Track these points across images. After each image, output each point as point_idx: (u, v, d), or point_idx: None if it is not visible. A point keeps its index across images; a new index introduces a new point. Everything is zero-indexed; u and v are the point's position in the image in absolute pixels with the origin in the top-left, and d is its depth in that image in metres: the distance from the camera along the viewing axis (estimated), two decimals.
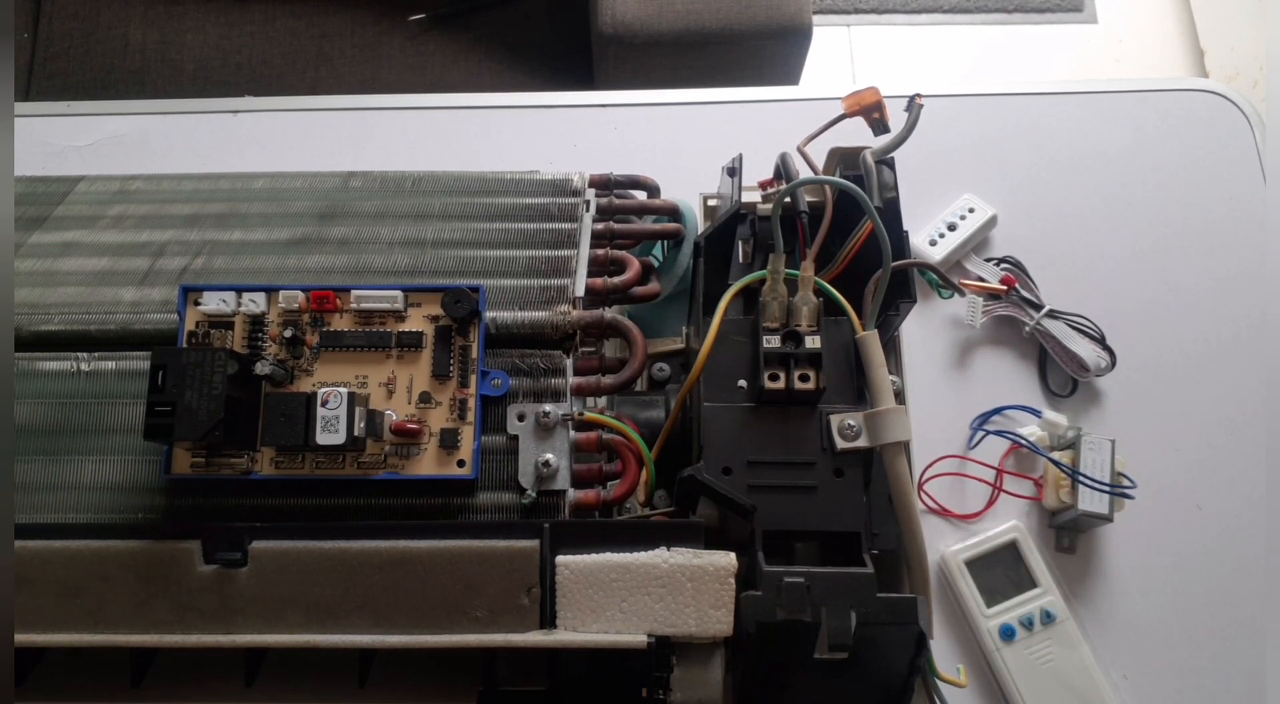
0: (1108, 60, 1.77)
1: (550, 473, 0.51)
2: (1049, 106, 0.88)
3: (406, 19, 1.17)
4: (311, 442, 0.47)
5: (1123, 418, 0.77)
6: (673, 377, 0.64)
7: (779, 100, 0.88)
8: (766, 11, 0.99)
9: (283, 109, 0.89)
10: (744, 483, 0.48)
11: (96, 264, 0.59)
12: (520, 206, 0.61)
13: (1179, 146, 0.86)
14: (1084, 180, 0.85)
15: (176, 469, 0.50)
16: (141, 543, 0.47)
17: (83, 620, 0.47)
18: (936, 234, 0.80)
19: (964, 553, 0.72)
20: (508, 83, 1.16)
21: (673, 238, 0.63)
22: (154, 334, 0.55)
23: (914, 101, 0.54)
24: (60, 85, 1.16)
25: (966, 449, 0.76)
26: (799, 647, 0.43)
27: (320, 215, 0.61)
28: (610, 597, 0.46)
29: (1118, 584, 0.73)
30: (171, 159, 0.86)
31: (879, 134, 0.56)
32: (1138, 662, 0.71)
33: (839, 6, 1.80)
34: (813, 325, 0.50)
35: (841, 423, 0.48)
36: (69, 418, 0.52)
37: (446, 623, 0.46)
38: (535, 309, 0.55)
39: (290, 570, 0.46)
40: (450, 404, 0.50)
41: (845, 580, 0.44)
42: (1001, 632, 0.70)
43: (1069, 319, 0.77)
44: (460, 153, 0.86)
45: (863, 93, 0.56)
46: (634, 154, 0.85)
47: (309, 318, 0.51)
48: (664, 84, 0.93)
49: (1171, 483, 0.75)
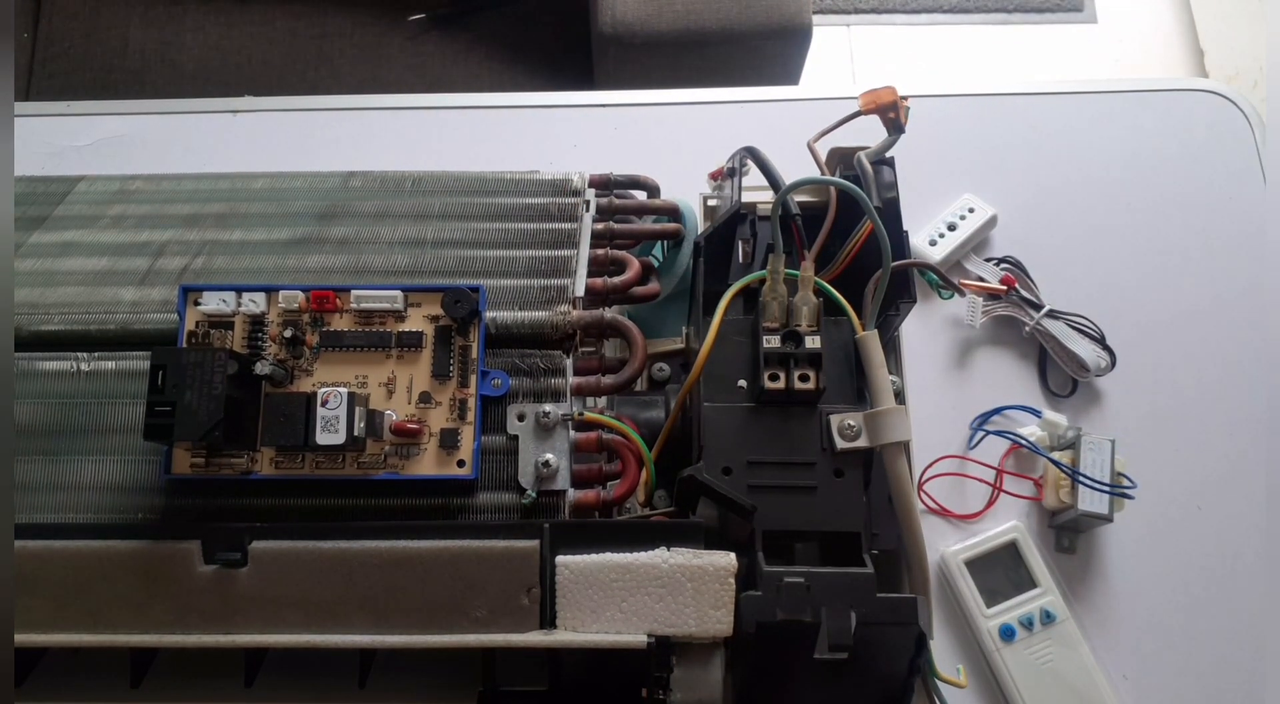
0: (1108, 60, 1.77)
1: (550, 473, 0.51)
2: (1049, 106, 0.88)
3: (406, 19, 1.17)
4: (311, 442, 0.47)
5: (1123, 418, 0.77)
6: (673, 377, 0.64)
7: (779, 100, 0.88)
8: (766, 11, 0.99)
9: (283, 109, 0.89)
10: (744, 483, 0.48)
11: (96, 264, 0.59)
12: (520, 206, 0.61)
13: (1179, 146, 0.86)
14: (1084, 180, 0.85)
15: (176, 469, 0.49)
16: (141, 543, 0.47)
17: (83, 620, 0.47)
18: (936, 234, 0.80)
19: (964, 553, 0.72)
20: (508, 83, 1.16)
21: (673, 238, 0.63)
22: (154, 334, 0.55)
23: (899, 104, 0.54)
24: (60, 85, 1.16)
25: (966, 449, 0.76)
26: (799, 647, 0.43)
27: (320, 215, 0.61)
28: (610, 597, 0.46)
29: (1118, 584, 0.73)
30: (171, 159, 0.86)
31: (892, 133, 0.56)
32: (1138, 662, 0.71)
33: (839, 6, 1.80)
34: (813, 325, 0.50)
35: (841, 423, 0.48)
36: (69, 418, 0.52)
37: (446, 623, 0.46)
38: (535, 309, 0.55)
39: (290, 570, 0.46)
40: (450, 404, 0.50)
41: (845, 580, 0.44)
42: (1001, 632, 0.70)
43: (1069, 319, 0.77)
44: (460, 153, 0.86)
45: (880, 91, 0.56)
46: (634, 154, 0.85)
47: (309, 318, 0.51)
48: (664, 84, 0.93)
49: (1171, 483, 0.75)
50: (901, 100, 0.55)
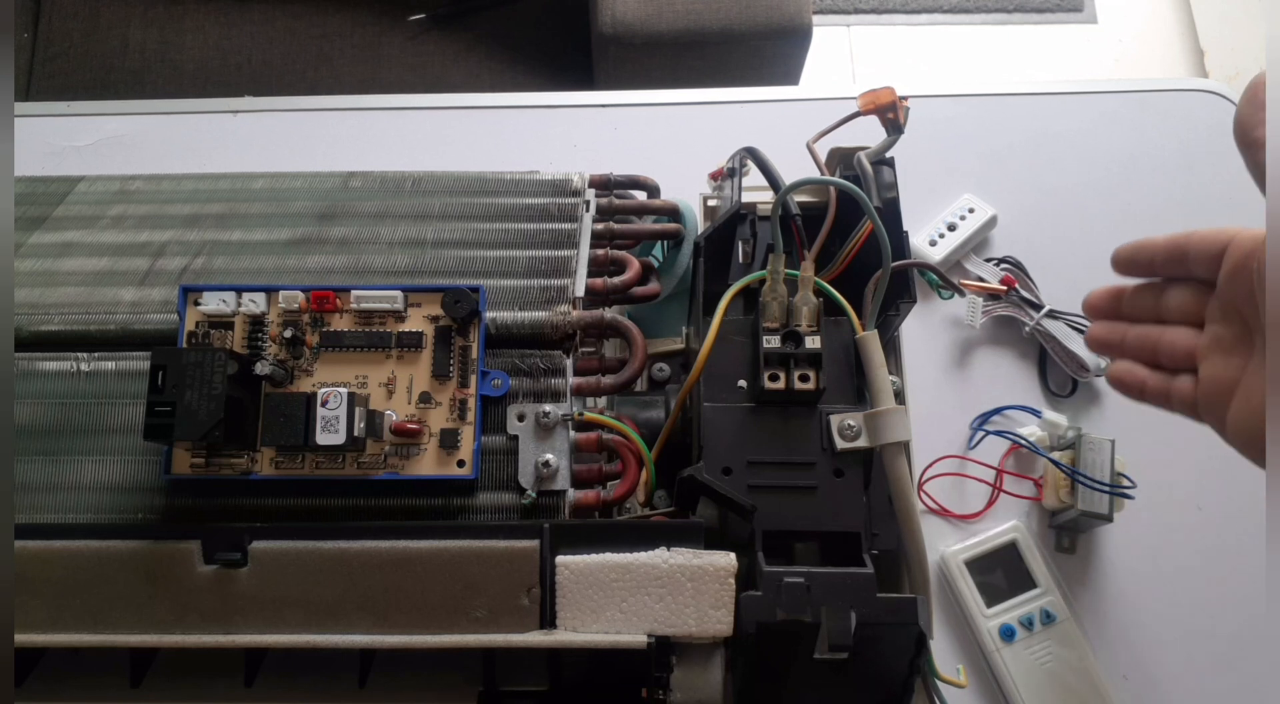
0: (1108, 60, 1.77)
1: (550, 473, 0.51)
2: (1049, 107, 0.88)
3: (406, 19, 1.17)
4: (311, 442, 0.47)
5: (1123, 418, 0.77)
6: (673, 377, 0.64)
7: (779, 100, 0.88)
8: (766, 11, 0.99)
9: (283, 109, 0.89)
10: (744, 483, 0.48)
11: (96, 264, 0.59)
12: (520, 207, 0.61)
13: (1179, 146, 0.86)
14: (1084, 180, 0.85)
15: (176, 469, 0.50)
16: (141, 543, 0.47)
17: (83, 620, 0.47)
18: (936, 234, 0.80)
19: (964, 553, 0.72)
20: (508, 83, 1.16)
21: (673, 238, 0.63)
22: (154, 334, 0.55)
23: (898, 105, 0.54)
24: (60, 85, 1.16)
25: (966, 449, 0.76)
26: (799, 647, 0.43)
27: (320, 215, 0.61)
28: (610, 597, 0.46)
29: (1118, 584, 0.73)
30: (171, 159, 0.86)
31: (891, 134, 0.56)
32: (1138, 662, 0.71)
33: (839, 6, 1.80)
34: (813, 325, 0.50)
35: (841, 423, 0.48)
36: (69, 418, 0.52)
37: (446, 623, 0.46)
38: (535, 309, 0.55)
39: (290, 570, 0.46)
40: (450, 404, 0.50)
41: (845, 580, 0.44)
42: (1001, 632, 0.70)
43: (1069, 319, 0.77)
44: (460, 153, 0.86)
45: (879, 92, 0.56)
46: (634, 154, 0.85)
47: (309, 318, 0.51)
48: (664, 84, 0.93)
49: (1171, 483, 0.75)
50: (901, 100, 0.55)
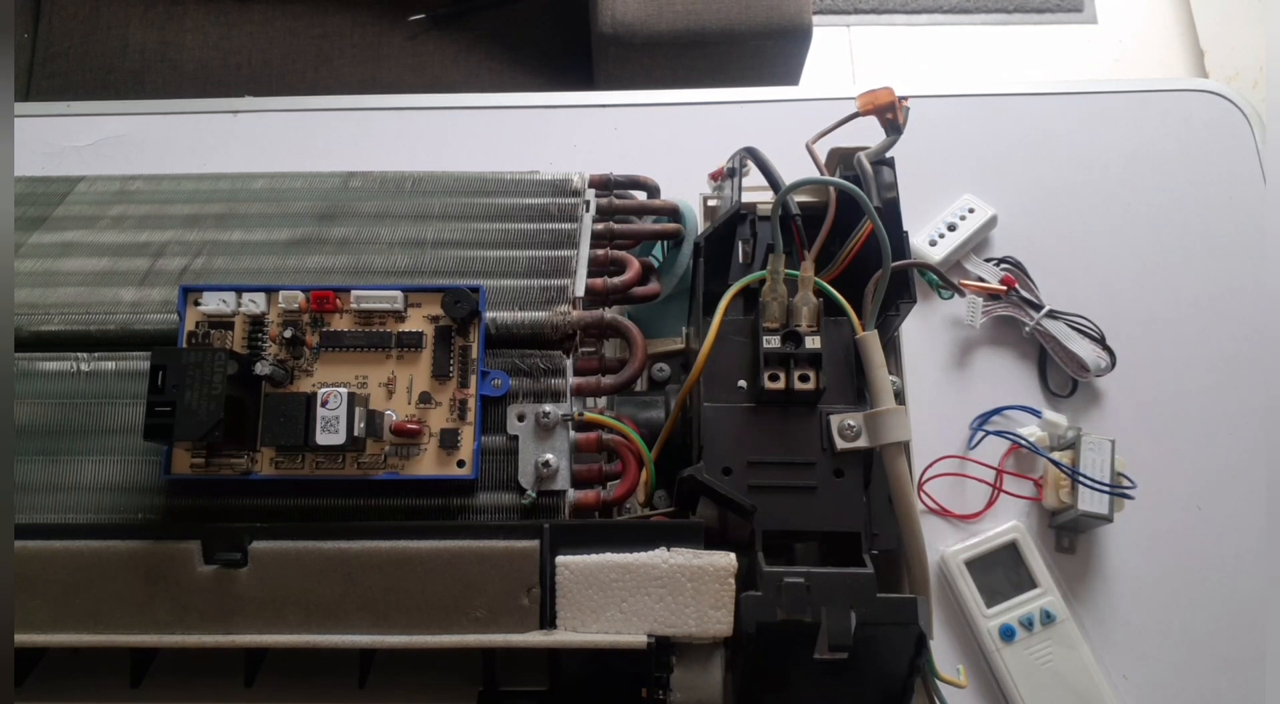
0: (1108, 60, 1.77)
1: (550, 473, 0.51)
2: (1049, 107, 0.88)
3: (406, 19, 1.17)
4: (311, 442, 0.47)
5: (1123, 418, 0.77)
6: (673, 377, 0.64)
7: (779, 100, 0.88)
8: (766, 11, 0.99)
9: (283, 109, 0.89)
10: (744, 483, 0.48)
11: (96, 264, 0.59)
12: (520, 207, 0.61)
13: (1179, 147, 0.86)
14: (1084, 180, 0.85)
15: (176, 469, 0.50)
16: (141, 543, 0.47)
17: (83, 620, 0.47)
18: (936, 234, 0.80)
19: (964, 553, 0.72)
20: (508, 83, 1.16)
21: (673, 238, 0.63)
22: (154, 334, 0.55)
23: (899, 104, 0.54)
24: (60, 85, 1.16)
25: (966, 449, 0.76)
26: (799, 647, 0.43)
27: (320, 215, 0.61)
28: (610, 597, 0.46)
29: (1118, 584, 0.73)
30: (171, 159, 0.86)
31: (891, 134, 0.56)
32: (1138, 662, 0.71)
33: (839, 6, 1.80)
34: (813, 325, 0.50)
35: (841, 423, 0.48)
36: (69, 418, 0.52)
37: (446, 623, 0.46)
38: (535, 309, 0.55)
39: (290, 570, 0.46)
40: (450, 404, 0.50)
41: (845, 580, 0.44)
42: (1001, 632, 0.70)
43: (1069, 319, 0.77)
44: (460, 153, 0.86)
45: (877, 92, 0.56)
46: (634, 154, 0.85)
47: (309, 318, 0.51)
48: (664, 84, 0.93)
49: (1171, 483, 0.75)
50: (900, 101, 0.55)
